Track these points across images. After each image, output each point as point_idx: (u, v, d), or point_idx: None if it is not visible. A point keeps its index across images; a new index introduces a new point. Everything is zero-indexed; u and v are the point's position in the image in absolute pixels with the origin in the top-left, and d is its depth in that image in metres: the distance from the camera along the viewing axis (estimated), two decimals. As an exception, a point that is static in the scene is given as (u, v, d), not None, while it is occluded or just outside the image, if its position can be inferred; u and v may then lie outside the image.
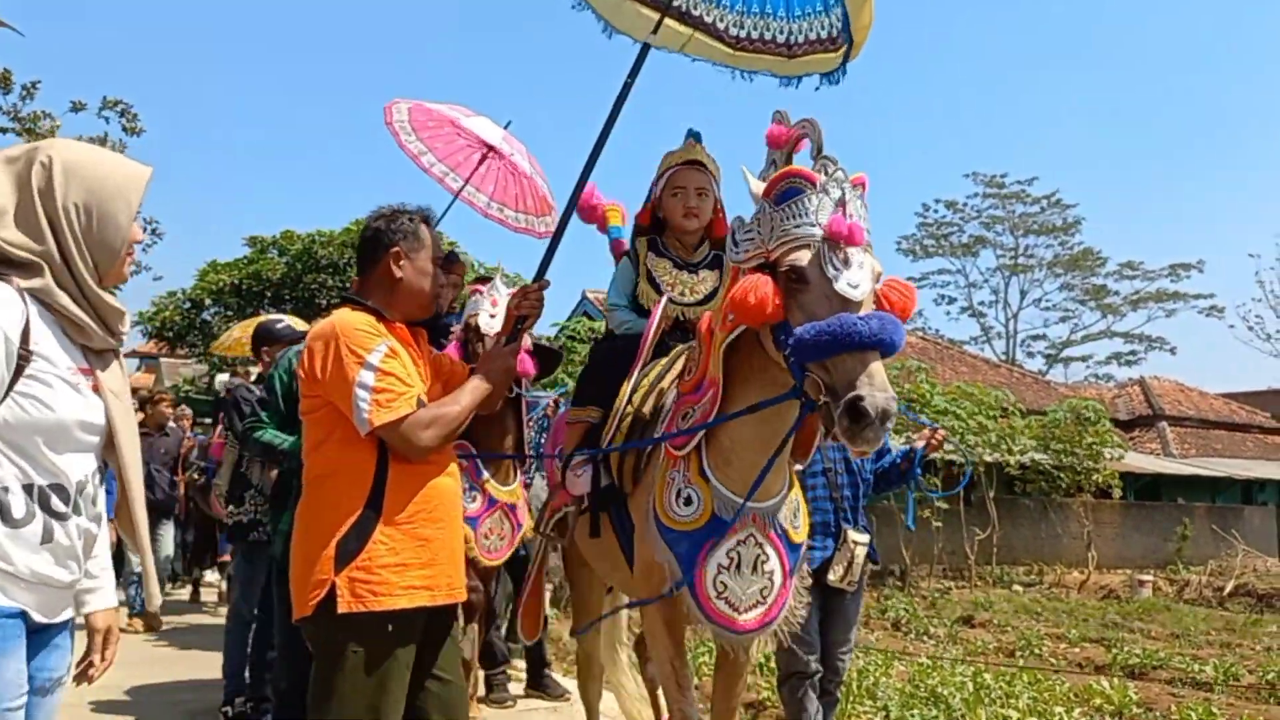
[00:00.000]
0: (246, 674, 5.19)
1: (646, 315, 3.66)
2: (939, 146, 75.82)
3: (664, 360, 3.49)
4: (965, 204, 46.53)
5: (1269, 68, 70.82)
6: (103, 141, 16.00)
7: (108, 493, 3.96)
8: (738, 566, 2.95)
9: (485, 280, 5.13)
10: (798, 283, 2.54)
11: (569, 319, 16.68)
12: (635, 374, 3.48)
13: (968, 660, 9.12)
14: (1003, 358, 46.19)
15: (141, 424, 8.76)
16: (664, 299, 3.65)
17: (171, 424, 10.47)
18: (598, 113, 3.47)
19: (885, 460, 4.60)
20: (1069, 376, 46.49)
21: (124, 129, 16.40)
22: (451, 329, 5.46)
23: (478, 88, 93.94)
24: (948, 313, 63.62)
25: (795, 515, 3.16)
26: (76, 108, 16.00)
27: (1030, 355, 47.65)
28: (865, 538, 4.36)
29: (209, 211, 76.18)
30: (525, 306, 3.06)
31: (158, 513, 8.49)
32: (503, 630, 6.57)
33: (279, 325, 5.63)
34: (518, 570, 5.94)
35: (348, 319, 2.66)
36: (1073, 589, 17.24)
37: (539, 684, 5.97)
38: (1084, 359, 46.91)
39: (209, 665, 5.43)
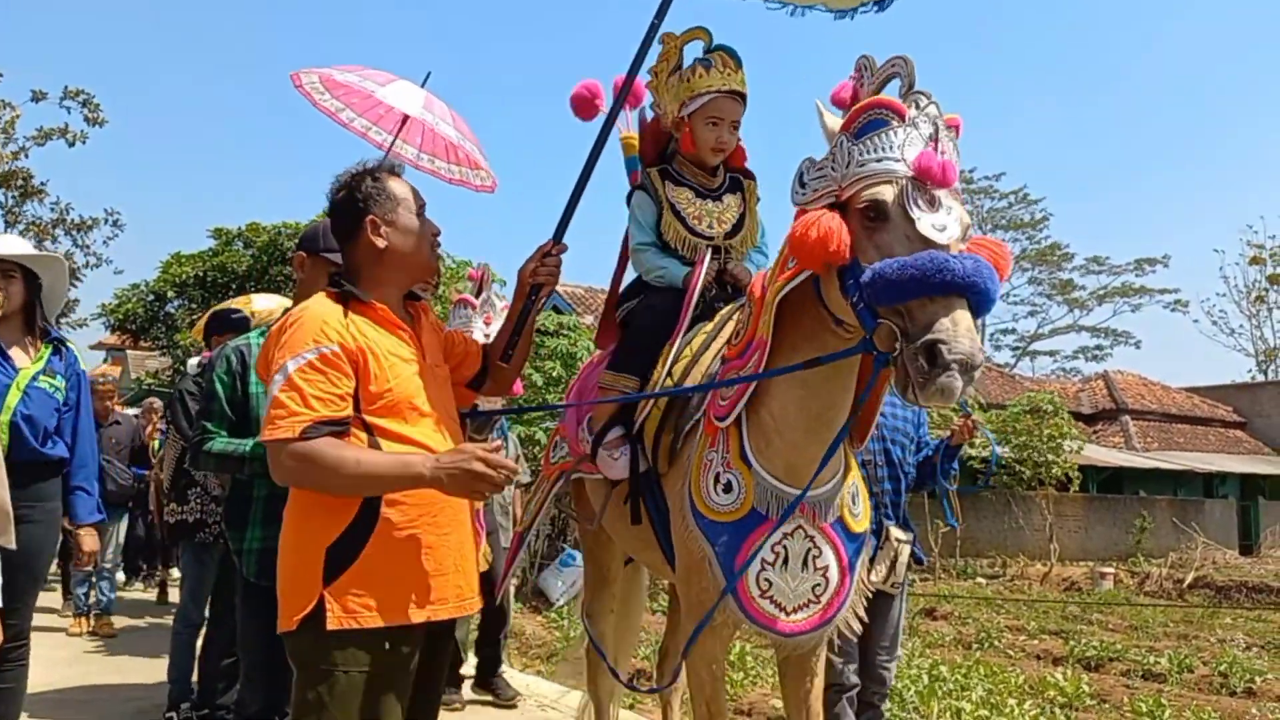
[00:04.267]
0: (194, 679, 5.07)
1: (675, 254, 3.29)
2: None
3: (710, 325, 3.11)
4: (934, 199, 46.84)
5: (1234, 64, 71.73)
6: (64, 132, 15.84)
7: (71, 493, 3.93)
8: (785, 562, 2.62)
9: (474, 285, 4.93)
10: (875, 220, 2.21)
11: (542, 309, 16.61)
12: (678, 340, 3.10)
13: (924, 654, 9.20)
14: (972, 351, 46.52)
15: None
16: (708, 251, 3.24)
17: (129, 412, 10.27)
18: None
19: (923, 453, 4.25)
20: (1036, 370, 46.97)
21: (86, 119, 16.23)
22: None
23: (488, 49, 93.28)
24: (918, 306, 63.97)
25: (855, 501, 2.80)
26: (37, 97, 15.81)
27: (999, 349, 48.04)
28: (909, 535, 4.02)
29: (173, 203, 75.28)
30: (542, 273, 2.73)
31: (110, 505, 8.05)
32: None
33: (234, 314, 5.49)
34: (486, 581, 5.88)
35: (305, 312, 2.38)
36: (1035, 581, 17.44)
37: (487, 684, 5.73)
38: (1052, 353, 47.39)
39: (162, 668, 5.31)
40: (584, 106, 3.63)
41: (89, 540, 4.02)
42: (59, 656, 6.81)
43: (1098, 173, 71.64)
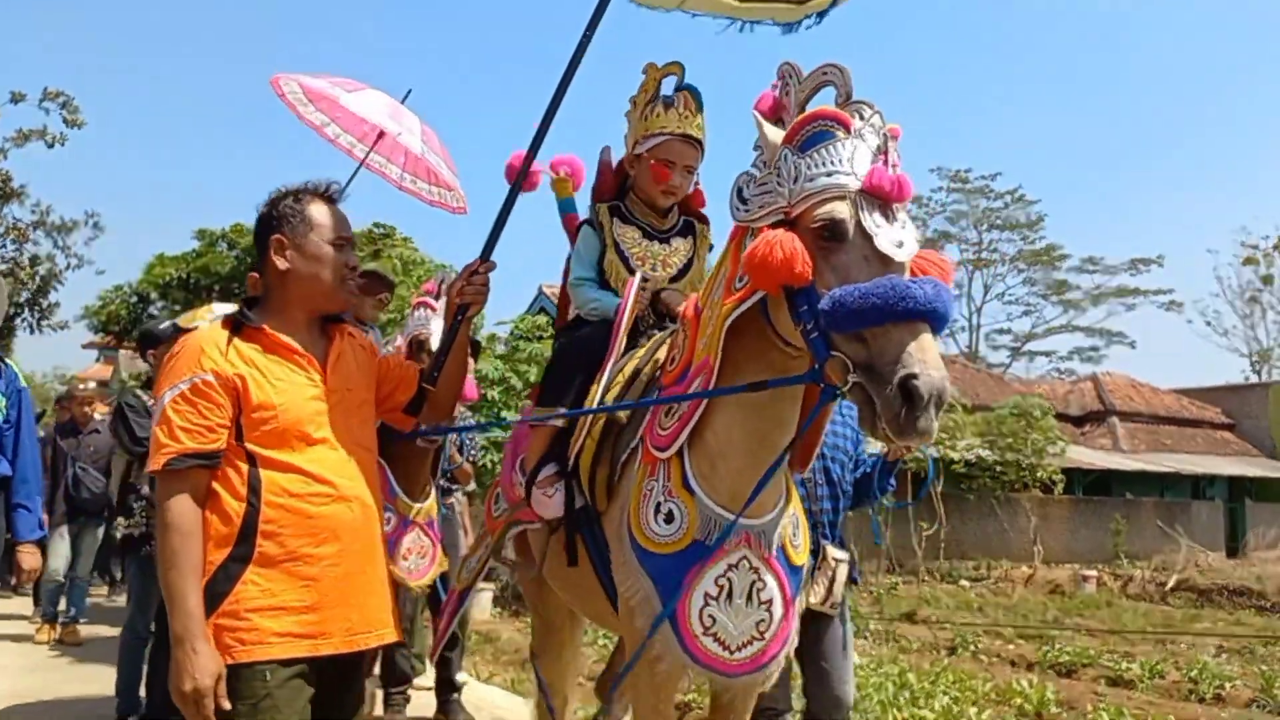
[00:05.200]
0: (142, 691, 5.05)
1: (616, 294, 3.21)
2: (905, 140, 76.03)
3: (640, 352, 3.01)
4: (930, 199, 46.87)
5: (1230, 67, 71.73)
6: (43, 133, 15.84)
7: (12, 510, 3.91)
8: (729, 596, 2.49)
9: (431, 296, 4.89)
10: (830, 240, 2.12)
11: (525, 314, 16.61)
12: (608, 369, 3.01)
13: (896, 661, 9.19)
14: (966, 350, 46.61)
15: (67, 422, 8.51)
16: (637, 277, 3.16)
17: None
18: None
19: (860, 470, 4.09)
20: (1032, 370, 47.03)
21: (65, 121, 16.20)
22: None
23: (428, 56, 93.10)
24: (913, 306, 64.09)
25: (796, 532, 2.71)
26: (16, 99, 15.79)
27: (995, 348, 48.13)
28: (845, 555, 3.92)
29: (155, 204, 75.36)
30: (469, 293, 2.66)
31: (85, 513, 8.18)
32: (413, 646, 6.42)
33: (160, 325, 5.43)
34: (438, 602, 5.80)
35: (187, 340, 2.36)
36: (1019, 584, 17.44)
37: (445, 708, 5.69)
38: (1047, 354, 47.45)
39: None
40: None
41: (28, 558, 4.02)
42: (21, 665, 6.83)
43: (1093, 173, 71.72)
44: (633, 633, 2.64)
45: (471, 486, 6.39)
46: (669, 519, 2.52)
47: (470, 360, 5.00)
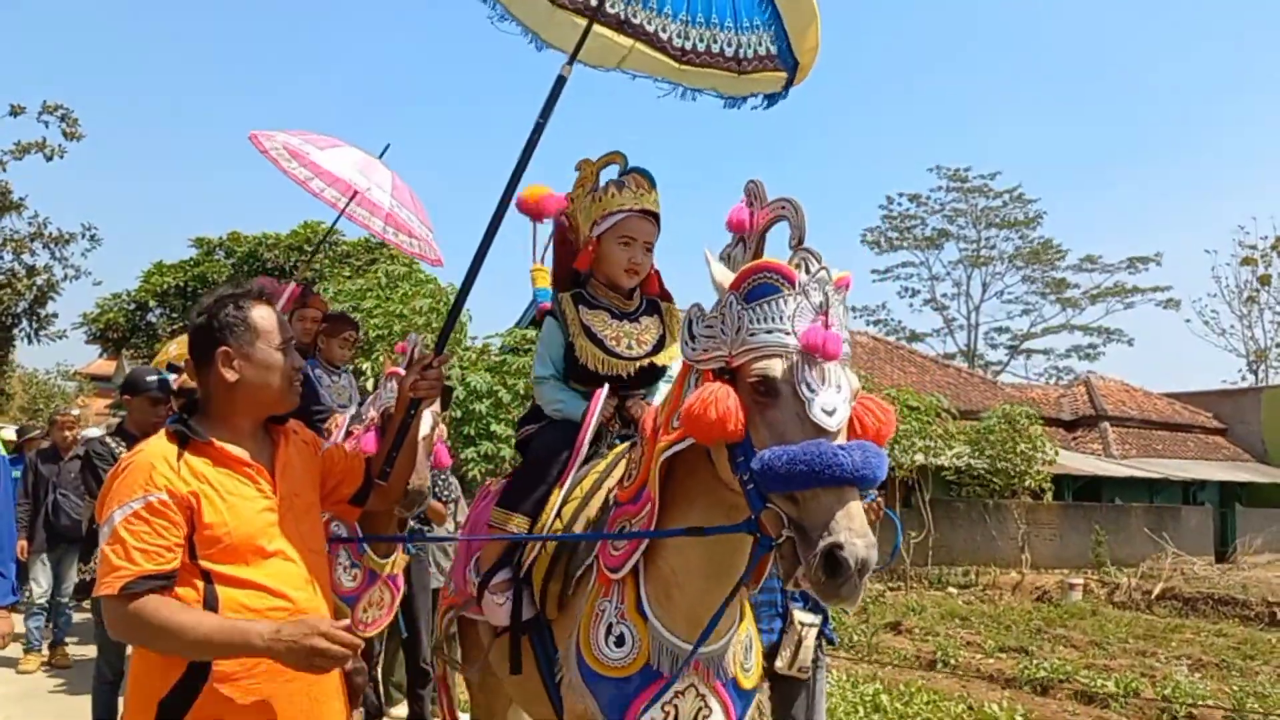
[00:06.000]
0: None
1: (585, 387, 3.21)
2: (903, 139, 76.10)
3: (602, 465, 3.00)
4: (929, 197, 46.95)
5: (1229, 66, 71.60)
6: (42, 146, 16.00)
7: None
8: None
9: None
10: (765, 396, 2.17)
11: (516, 326, 16.70)
12: (569, 480, 3.01)
13: (876, 678, 9.32)
14: (965, 349, 46.73)
15: (49, 448, 8.59)
16: (604, 390, 3.15)
17: (92, 433, 10.32)
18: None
19: None
20: (1029, 369, 47.11)
21: (64, 134, 16.34)
22: (329, 415, 5.35)
23: (416, 88, 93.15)
24: (910, 305, 64.42)
25: (748, 655, 2.72)
26: (15, 112, 15.93)
27: (993, 347, 48.21)
28: (815, 618, 3.94)
29: (153, 213, 75.59)
30: (421, 387, 2.62)
31: (65, 540, 8.17)
32: (378, 674, 6.56)
33: (148, 377, 5.41)
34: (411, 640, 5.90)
35: (136, 456, 2.30)
36: (1007, 591, 17.59)
37: None
38: (1045, 352, 47.51)
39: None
40: (531, 210, 3.57)
41: (2, 623, 4.13)
42: (9, 693, 6.91)
43: (1092, 172, 71.67)
44: None
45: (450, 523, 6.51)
46: (620, 642, 2.54)
47: (441, 427, 5.14)
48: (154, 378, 5.34)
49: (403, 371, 4.83)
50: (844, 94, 77.90)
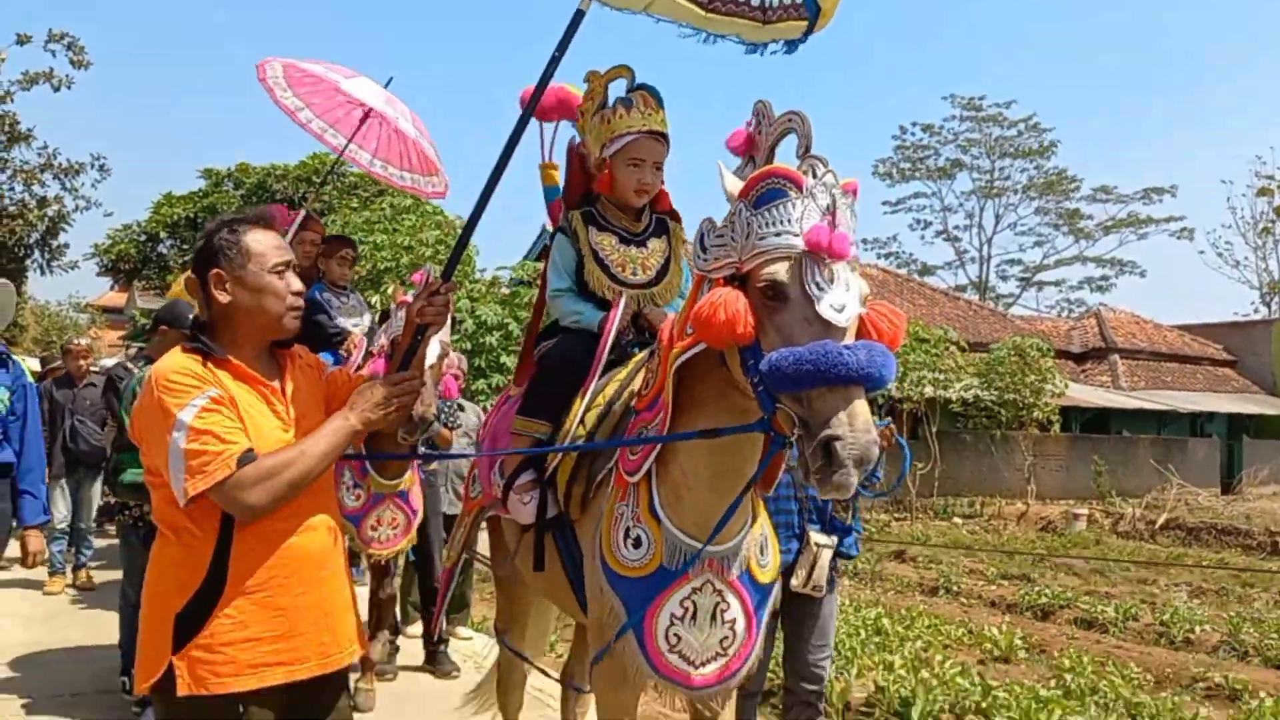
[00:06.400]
0: None
1: (596, 302, 3.26)
2: (918, 67, 74.94)
3: (623, 373, 3.06)
4: (942, 127, 46.35)
5: (1254, -12, 69.91)
6: (49, 76, 15.92)
7: (18, 497, 4.13)
8: (693, 616, 2.62)
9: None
10: (774, 300, 2.20)
11: (526, 258, 16.69)
12: (591, 388, 3.07)
13: (879, 604, 9.50)
14: (976, 281, 46.56)
15: (64, 375, 8.68)
16: (624, 296, 3.21)
17: (107, 362, 10.45)
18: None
19: None
20: (1040, 301, 46.95)
21: (71, 62, 16.21)
22: (341, 335, 5.40)
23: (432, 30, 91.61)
24: (922, 237, 64.24)
25: (763, 551, 2.80)
26: (22, 41, 15.78)
27: (1004, 279, 48.02)
28: (831, 539, 4.03)
29: (162, 144, 75.07)
30: (428, 313, 2.60)
31: (83, 466, 8.37)
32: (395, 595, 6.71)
33: (190, 314, 5.38)
34: (424, 561, 6.05)
35: (164, 368, 2.30)
36: (1011, 521, 17.78)
37: (432, 659, 6.03)
38: (1057, 284, 47.31)
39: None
40: (545, 110, 3.52)
41: (34, 541, 4.28)
42: (33, 613, 7.12)
43: (1109, 101, 70.54)
44: (598, 638, 2.79)
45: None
46: (637, 544, 2.64)
47: (451, 355, 5.15)
48: (190, 315, 5.31)
49: (410, 299, 4.91)
50: (858, 24, 76.51)
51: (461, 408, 6.81)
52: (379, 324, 5.57)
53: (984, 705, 5.51)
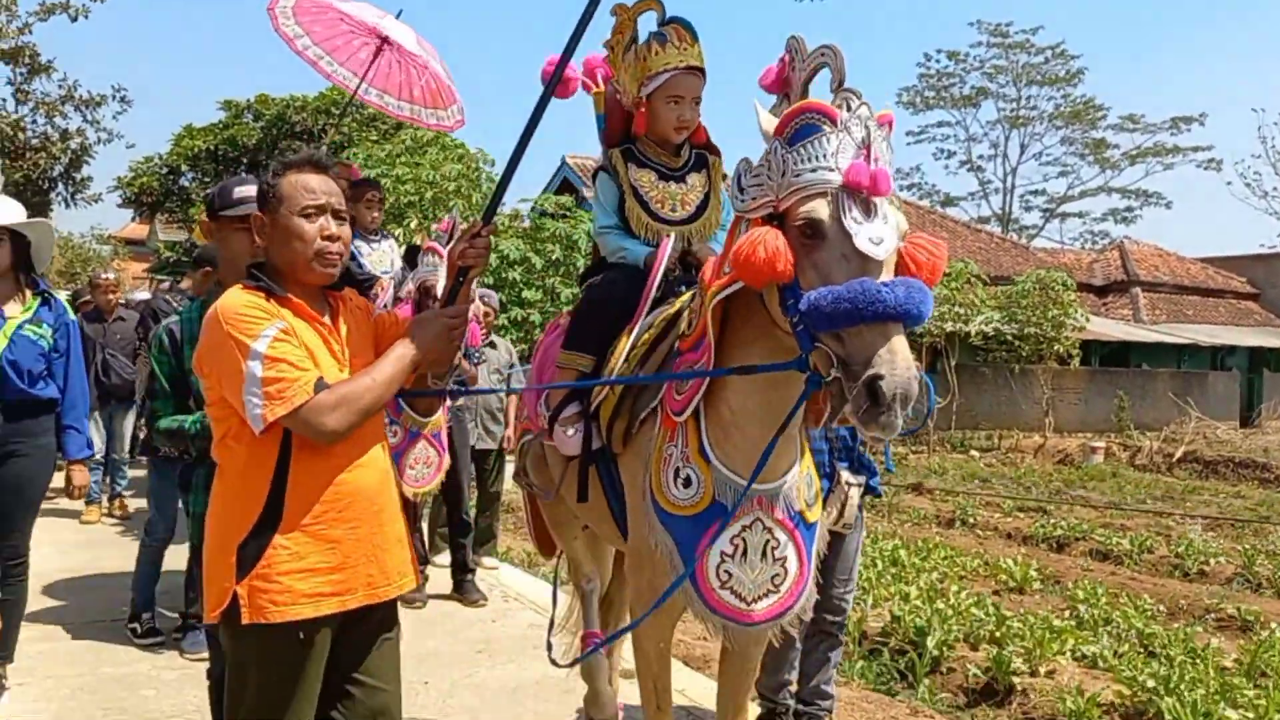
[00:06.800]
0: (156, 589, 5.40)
1: (640, 239, 3.29)
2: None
3: (670, 311, 3.06)
4: (968, 54, 45.53)
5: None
6: (66, 6, 15.84)
7: (63, 432, 4.24)
8: (744, 554, 2.64)
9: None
10: (812, 238, 2.19)
11: (545, 192, 16.68)
12: (638, 326, 3.08)
13: (896, 535, 9.64)
14: (999, 213, 46.13)
15: (93, 309, 8.78)
16: (671, 239, 3.21)
17: (139, 296, 10.58)
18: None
19: None
20: (1064, 233, 46.54)
21: (87, -10, 16.11)
22: (374, 281, 5.47)
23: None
24: (946, 167, 63.44)
25: (810, 489, 2.83)
26: (38, -30, 15.70)
27: (1028, 210, 47.55)
28: (860, 478, 4.10)
29: (181, 75, 74.40)
30: (470, 255, 2.64)
31: (115, 398, 8.55)
32: (423, 527, 6.90)
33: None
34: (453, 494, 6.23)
35: (231, 302, 2.35)
36: (1029, 454, 17.88)
37: (457, 585, 6.23)
38: (1081, 215, 46.91)
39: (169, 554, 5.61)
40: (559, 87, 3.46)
41: (78, 475, 4.43)
42: (72, 540, 7.36)
43: (1138, 27, 68.88)
44: (641, 580, 2.86)
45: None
46: (687, 483, 2.66)
47: (478, 301, 5.15)
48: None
49: (439, 246, 4.98)
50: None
51: (493, 344, 6.92)
52: (405, 262, 5.65)
53: (998, 635, 5.64)
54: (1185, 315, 26.68)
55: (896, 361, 2.05)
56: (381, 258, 5.81)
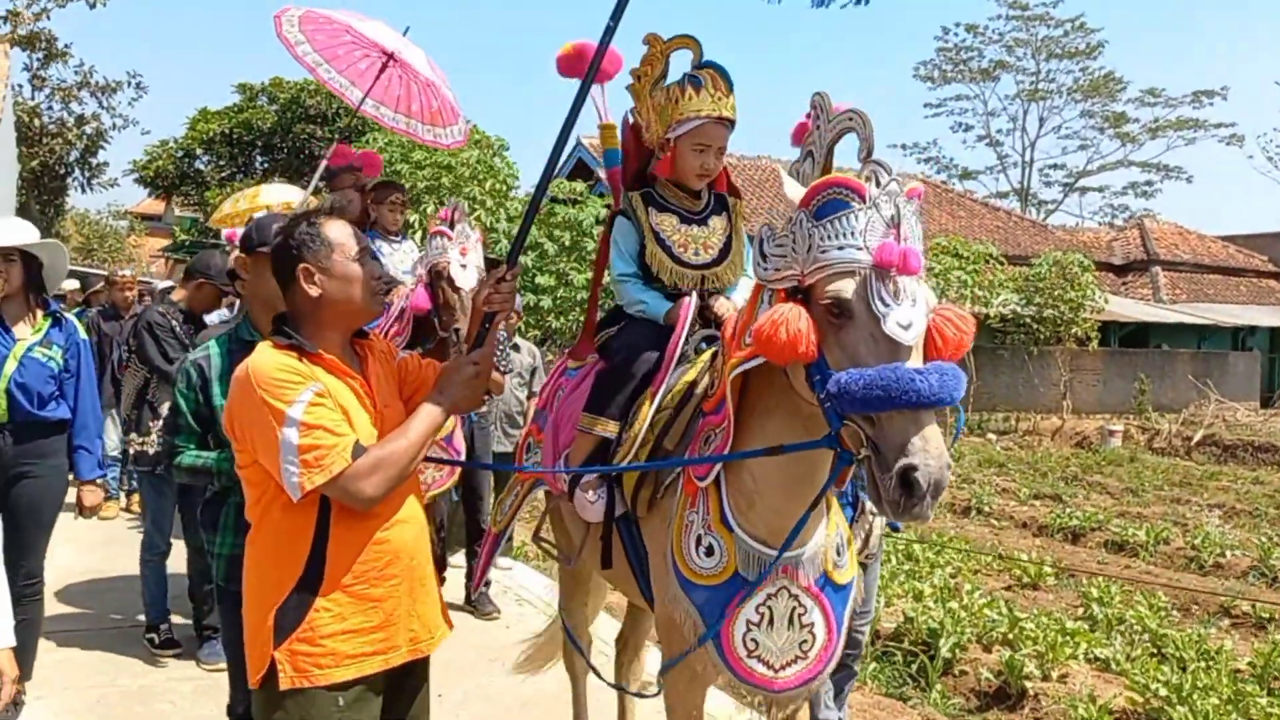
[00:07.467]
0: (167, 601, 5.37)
1: (660, 288, 3.24)
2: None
3: (692, 372, 3.02)
4: (987, 27, 45.01)
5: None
6: (84, -8, 15.88)
7: (74, 452, 4.25)
8: (770, 622, 2.63)
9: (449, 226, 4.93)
10: (839, 317, 2.16)
11: (559, 175, 16.61)
12: (660, 391, 3.02)
13: (910, 528, 9.64)
14: (1018, 187, 45.73)
15: (109, 306, 8.84)
16: (693, 300, 3.17)
17: (161, 285, 10.62)
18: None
19: None
20: (1084, 207, 46.13)
21: (106, -21, 16.13)
22: (390, 285, 5.47)
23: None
24: (964, 141, 62.87)
25: (840, 552, 2.80)
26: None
27: (1048, 184, 47.15)
28: None
29: (196, 59, 74.34)
30: (495, 300, 2.58)
31: None
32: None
33: (213, 259, 5.37)
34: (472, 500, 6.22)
35: (264, 364, 2.31)
36: (1046, 437, 17.80)
37: (470, 600, 6.20)
38: (1100, 189, 46.37)
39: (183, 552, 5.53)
40: (569, 65, 3.48)
41: (89, 496, 4.42)
42: (90, 538, 7.38)
43: (1159, 0, 67.82)
44: (671, 648, 2.82)
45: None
46: (709, 552, 2.63)
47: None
48: (218, 259, 5.39)
49: (448, 230, 4.95)
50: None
51: (516, 347, 6.89)
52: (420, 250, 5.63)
53: (1011, 637, 5.65)
54: (1206, 294, 26.44)
55: (930, 450, 2.03)
56: (403, 258, 5.81)
